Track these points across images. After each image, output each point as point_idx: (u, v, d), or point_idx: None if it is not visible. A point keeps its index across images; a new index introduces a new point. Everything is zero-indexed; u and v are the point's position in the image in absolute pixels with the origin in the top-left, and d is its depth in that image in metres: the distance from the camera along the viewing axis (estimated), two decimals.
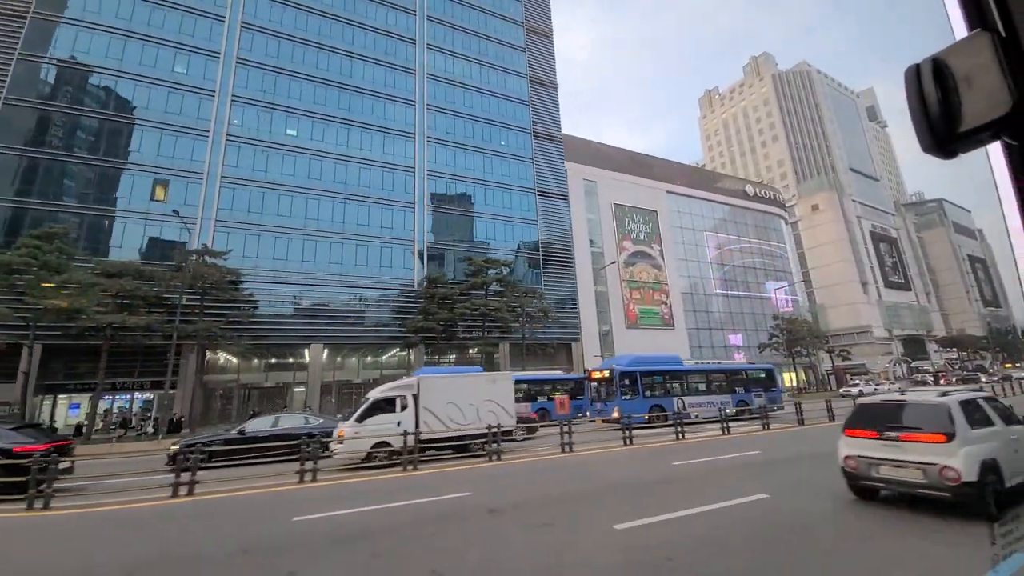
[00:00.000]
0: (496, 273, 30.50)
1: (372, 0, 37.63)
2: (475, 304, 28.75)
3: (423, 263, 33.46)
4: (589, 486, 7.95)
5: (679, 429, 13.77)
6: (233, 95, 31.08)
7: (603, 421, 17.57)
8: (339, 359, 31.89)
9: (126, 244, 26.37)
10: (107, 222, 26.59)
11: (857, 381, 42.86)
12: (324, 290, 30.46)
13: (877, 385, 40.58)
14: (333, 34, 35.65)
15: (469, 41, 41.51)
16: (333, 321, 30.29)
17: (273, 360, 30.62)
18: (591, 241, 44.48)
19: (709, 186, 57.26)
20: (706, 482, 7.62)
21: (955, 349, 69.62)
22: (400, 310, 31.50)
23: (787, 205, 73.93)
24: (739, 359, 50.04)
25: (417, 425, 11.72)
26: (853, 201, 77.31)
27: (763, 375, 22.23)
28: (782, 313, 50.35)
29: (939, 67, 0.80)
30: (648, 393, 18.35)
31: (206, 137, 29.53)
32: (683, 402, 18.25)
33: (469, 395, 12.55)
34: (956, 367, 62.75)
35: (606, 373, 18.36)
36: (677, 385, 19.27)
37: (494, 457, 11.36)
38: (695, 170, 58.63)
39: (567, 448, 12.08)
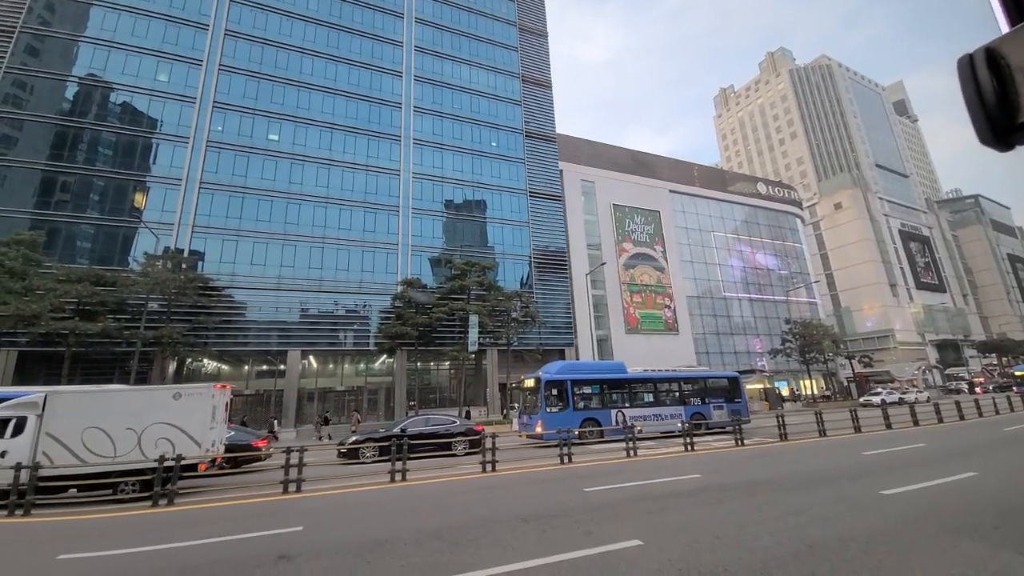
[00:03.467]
0: (477, 276, 29.23)
1: (358, 5, 37.38)
2: (453, 308, 27.53)
3: (407, 267, 32.55)
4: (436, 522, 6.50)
5: (630, 445, 12.10)
6: (215, 102, 31.05)
7: (527, 436, 15.81)
8: (321, 366, 31.14)
9: (101, 251, 26.34)
10: (85, 229, 26.65)
11: (879, 389, 39.56)
12: (303, 296, 29.84)
13: (903, 394, 37.34)
14: (318, 39, 35.46)
15: (458, 42, 40.81)
16: (312, 327, 29.59)
17: (256, 367, 30.12)
18: (589, 244, 42.77)
19: (718, 185, 54.75)
20: (594, 520, 6.07)
21: (995, 355, 64.30)
22: (381, 315, 30.60)
23: (807, 204, 70.37)
24: (761, 365, 47.19)
25: (33, 456, 9.05)
26: (880, 198, 73.00)
27: (725, 383, 19.82)
28: (799, 318, 47.24)
29: (993, 57, 0.77)
30: (581, 405, 16.42)
31: (186, 144, 29.48)
32: (623, 415, 16.24)
33: (127, 418, 9.72)
34: (996, 374, 57.76)
35: (533, 382, 16.52)
36: (617, 396, 17.13)
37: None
38: (702, 169, 56.17)
39: (489, 467, 10.62)
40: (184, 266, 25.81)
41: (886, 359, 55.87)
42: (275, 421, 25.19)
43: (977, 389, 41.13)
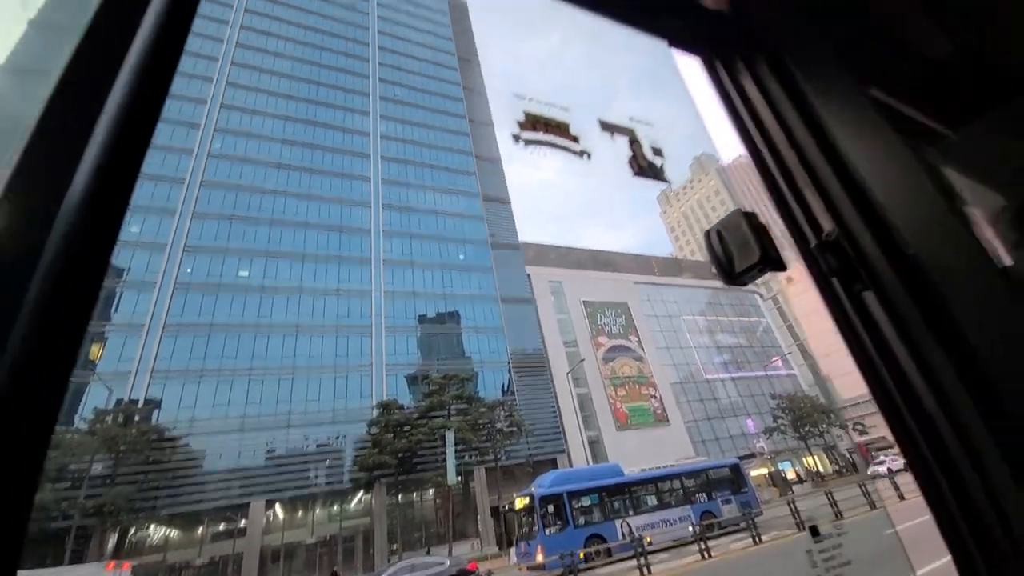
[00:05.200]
0: (456, 389, 28.29)
1: (328, 151, 41.24)
2: (433, 428, 26.03)
3: (382, 388, 31.28)
4: None
5: (642, 562, 10.82)
6: (186, 246, 31.81)
7: (528, 568, 13.86)
8: (289, 516, 27.72)
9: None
10: None
11: (882, 457, 38.33)
12: (270, 434, 27.68)
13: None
14: (291, 182, 38.19)
15: (422, 172, 44.80)
16: (279, 470, 26.95)
17: (212, 528, 26.45)
18: (565, 342, 43.01)
19: (676, 272, 58.09)
20: None
21: None
22: (357, 445, 28.42)
23: (761, 281, 74.87)
24: (760, 447, 45.42)
25: None
26: None
27: (728, 473, 18.64)
28: (782, 391, 47.12)
29: (719, 232, 1.17)
30: (582, 520, 14.68)
31: (153, 289, 29.37)
32: (629, 525, 14.59)
33: None
34: None
35: (526, 501, 14.84)
36: (619, 503, 15.58)
37: None
38: (659, 259, 60.12)
39: None
40: (137, 418, 23.87)
41: (879, 424, 55.15)
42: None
43: None
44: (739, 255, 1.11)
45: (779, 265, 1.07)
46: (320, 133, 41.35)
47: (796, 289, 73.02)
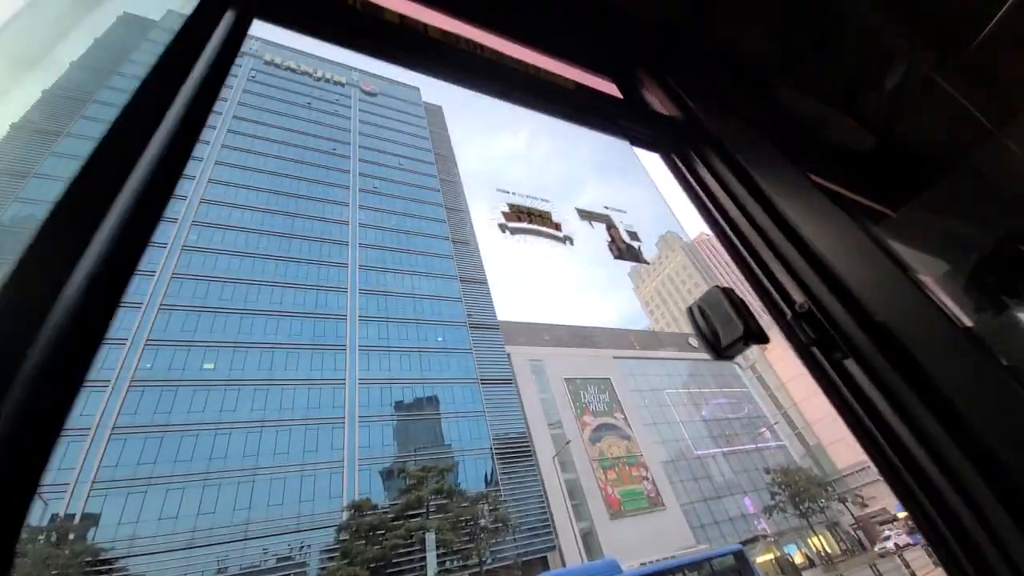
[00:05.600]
0: (436, 482, 26.20)
1: (305, 239, 41.94)
2: (410, 529, 23.58)
3: (353, 486, 28.69)
4: None
5: None
6: (148, 339, 30.41)
7: None
8: None
9: None
10: None
11: (888, 532, 36.43)
12: (224, 549, 24.43)
13: (909, 532, 34.44)
14: (266, 271, 38.09)
15: (399, 258, 45.67)
16: None
17: None
18: (550, 423, 41.35)
19: (655, 346, 58.50)
20: None
21: None
22: (323, 556, 25.24)
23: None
24: (762, 528, 42.61)
25: None
26: None
27: (732, 561, 17.55)
28: (775, 465, 45.57)
29: (701, 308, 1.20)
30: None
31: (104, 388, 27.38)
32: None
33: None
34: None
35: None
36: None
37: None
38: (637, 333, 60.80)
39: None
40: (72, 536, 20.89)
41: (877, 495, 53.24)
42: None
43: None
44: (723, 330, 1.14)
45: (762, 338, 1.11)
46: (299, 223, 42.36)
47: (772, 356, 74.13)
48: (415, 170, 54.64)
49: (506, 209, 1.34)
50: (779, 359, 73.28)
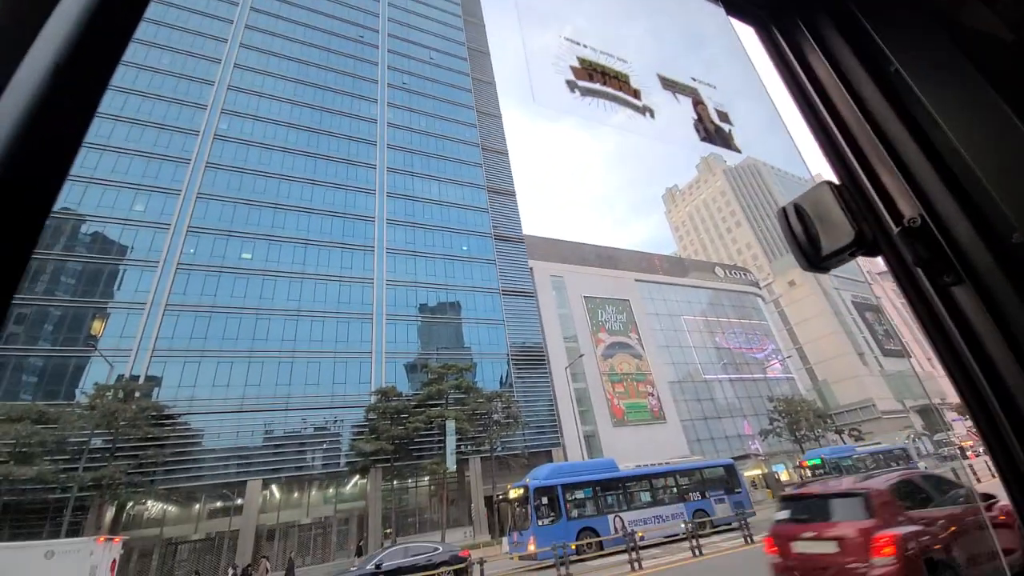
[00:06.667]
0: (455, 379, 28.37)
1: (334, 136, 41.06)
2: (431, 416, 26.15)
3: (381, 376, 31.41)
4: None
5: (633, 557, 10.89)
6: (190, 227, 31.82)
7: (519, 558, 13.98)
8: (285, 496, 28.00)
9: (48, 384, 24.42)
10: (33, 361, 24.96)
11: None
12: (268, 416, 27.87)
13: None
14: (295, 166, 38.04)
15: (428, 162, 44.57)
16: (277, 451, 27.18)
17: (209, 505, 26.75)
18: (565, 337, 43.02)
19: (679, 272, 57.93)
20: None
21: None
22: (354, 431, 28.61)
23: (764, 284, 74.67)
24: (755, 448, 45.56)
25: None
26: (827, 274, 78.38)
27: (722, 473, 18.77)
28: (780, 395, 47.12)
29: (798, 209, 1.05)
30: (576, 513, 14.86)
31: (155, 268, 29.43)
32: (622, 520, 14.77)
33: None
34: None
35: (521, 491, 14.98)
36: (613, 498, 15.72)
37: None
38: (662, 258, 59.93)
39: None
40: (137, 394, 24.04)
41: (875, 430, 55.22)
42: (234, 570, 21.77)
43: (969, 454, 40.49)
44: (826, 236, 0.99)
45: (874, 249, 0.97)
46: (327, 119, 41.17)
47: (799, 293, 72.83)
48: (447, 66, 50.97)
49: (575, 64, 1.11)
50: (798, 299, 72.10)
